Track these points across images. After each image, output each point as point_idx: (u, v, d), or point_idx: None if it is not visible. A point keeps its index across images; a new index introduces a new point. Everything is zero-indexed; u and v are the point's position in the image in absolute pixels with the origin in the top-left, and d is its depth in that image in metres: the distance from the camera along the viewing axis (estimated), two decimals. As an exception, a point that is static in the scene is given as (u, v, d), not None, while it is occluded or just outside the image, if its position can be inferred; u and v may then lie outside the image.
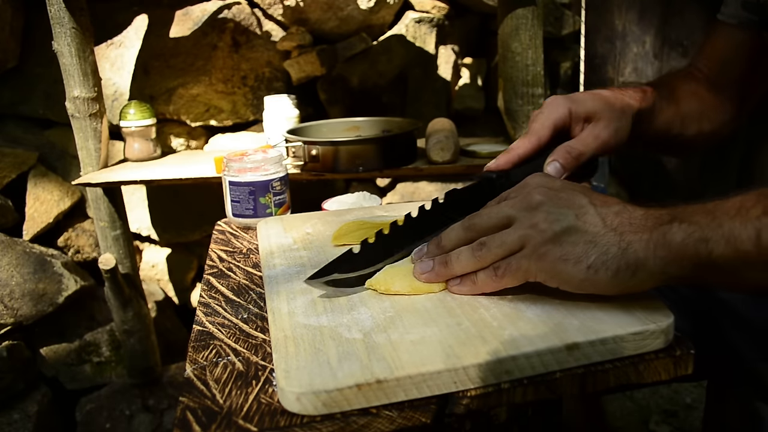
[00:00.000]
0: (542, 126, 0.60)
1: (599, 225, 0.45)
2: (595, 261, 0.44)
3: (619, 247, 0.44)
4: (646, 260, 0.43)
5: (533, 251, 0.46)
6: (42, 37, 1.39)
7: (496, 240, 0.48)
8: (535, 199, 0.48)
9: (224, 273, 0.65)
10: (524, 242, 0.47)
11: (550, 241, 0.45)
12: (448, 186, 1.71)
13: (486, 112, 1.80)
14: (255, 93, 1.58)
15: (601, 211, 0.46)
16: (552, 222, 0.46)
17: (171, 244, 1.64)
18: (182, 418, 0.39)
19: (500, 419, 0.50)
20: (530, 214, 0.47)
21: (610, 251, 0.44)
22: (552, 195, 0.48)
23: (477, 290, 0.50)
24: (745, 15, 0.77)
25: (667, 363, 0.44)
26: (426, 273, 0.51)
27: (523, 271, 0.47)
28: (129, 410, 1.39)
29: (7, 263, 1.32)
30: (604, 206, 0.46)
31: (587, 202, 0.47)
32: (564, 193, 0.48)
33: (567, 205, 0.47)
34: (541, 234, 0.46)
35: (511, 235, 0.47)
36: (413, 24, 1.65)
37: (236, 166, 0.82)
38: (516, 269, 0.47)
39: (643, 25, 1.91)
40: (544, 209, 0.47)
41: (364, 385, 0.39)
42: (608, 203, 0.47)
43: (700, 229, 0.42)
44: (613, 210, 0.46)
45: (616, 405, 1.48)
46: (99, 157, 1.27)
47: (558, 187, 0.49)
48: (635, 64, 1.94)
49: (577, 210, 0.46)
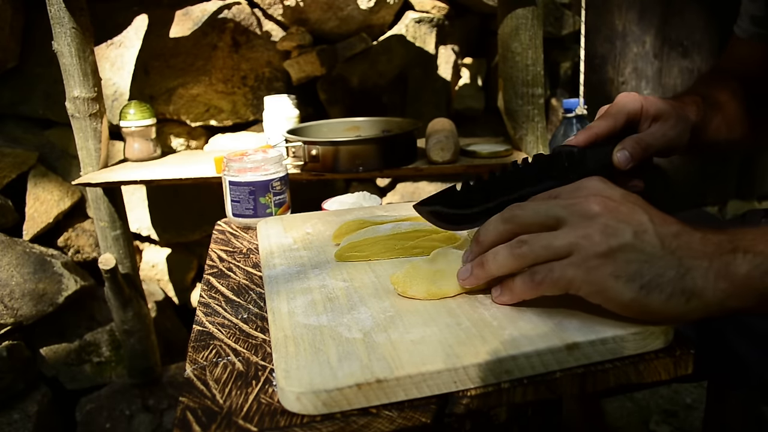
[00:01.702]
0: (618, 112, 0.61)
1: (658, 246, 0.42)
2: (650, 282, 0.41)
3: (678, 272, 0.41)
4: (704, 289, 0.41)
5: (582, 262, 0.42)
6: (42, 37, 1.39)
7: (542, 240, 0.44)
8: (593, 208, 0.44)
9: (224, 273, 0.65)
10: (573, 250, 0.43)
11: (604, 255, 0.42)
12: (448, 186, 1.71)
13: (486, 112, 1.80)
14: (255, 93, 1.58)
15: (660, 231, 0.43)
16: (608, 236, 0.43)
17: (171, 244, 1.64)
18: (182, 418, 0.39)
19: (500, 419, 0.50)
20: (584, 223, 0.44)
21: (667, 274, 0.41)
22: (611, 207, 0.44)
23: (516, 299, 0.47)
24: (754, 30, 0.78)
25: (667, 363, 0.44)
26: (466, 278, 0.49)
27: (567, 280, 0.43)
28: (129, 410, 1.39)
29: (7, 263, 1.32)
30: (664, 226, 0.43)
31: (647, 219, 0.43)
32: (624, 207, 0.44)
33: (626, 221, 0.43)
34: (595, 246, 0.42)
35: (559, 239, 0.44)
36: (413, 24, 1.65)
37: (236, 166, 0.82)
38: (559, 277, 0.43)
39: (643, 25, 1.91)
40: (600, 221, 0.43)
41: (364, 384, 0.39)
42: (667, 222, 0.44)
43: (766, 260, 0.40)
44: (673, 231, 0.43)
45: (616, 405, 1.48)
46: (99, 157, 1.27)
47: (617, 199, 0.45)
48: (635, 64, 1.94)
49: (636, 227, 0.43)
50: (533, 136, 1.30)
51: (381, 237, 0.61)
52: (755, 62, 0.80)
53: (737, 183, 2.07)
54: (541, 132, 1.31)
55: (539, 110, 1.30)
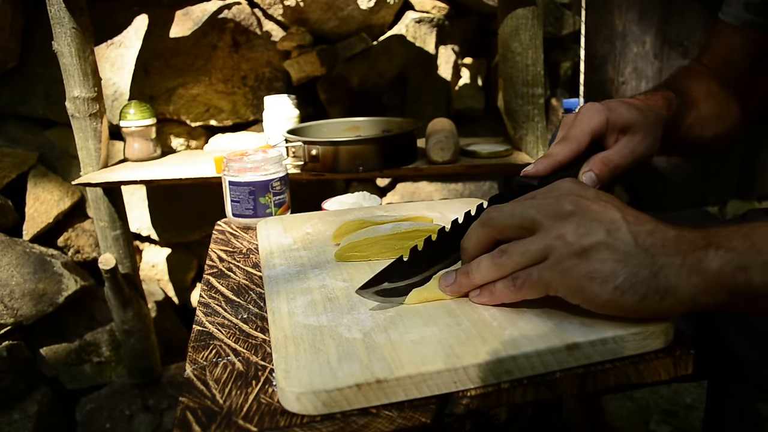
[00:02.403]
0: (582, 133, 0.58)
1: (631, 244, 0.42)
2: (623, 282, 0.41)
3: (651, 270, 0.41)
4: (678, 287, 0.41)
5: (557, 263, 0.43)
6: (42, 37, 1.39)
7: (519, 247, 0.45)
8: (566, 208, 0.45)
9: (224, 273, 0.65)
10: (548, 253, 0.44)
11: (577, 255, 0.43)
12: (448, 186, 1.72)
13: (486, 112, 1.80)
14: (255, 93, 1.58)
15: (633, 229, 0.43)
16: (581, 235, 0.43)
17: (171, 244, 1.64)
18: (182, 418, 0.39)
19: (500, 419, 0.50)
20: (558, 224, 0.44)
21: (640, 273, 0.41)
22: (584, 206, 0.44)
23: (495, 300, 0.48)
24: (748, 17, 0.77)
25: (667, 363, 0.44)
26: (449, 286, 0.50)
27: (544, 283, 0.44)
28: (129, 410, 1.39)
29: (7, 263, 1.32)
30: (638, 224, 0.43)
31: (620, 217, 0.44)
32: (596, 205, 0.45)
33: (599, 219, 0.44)
34: (568, 246, 0.43)
35: (534, 243, 0.44)
36: (413, 24, 1.65)
37: (236, 166, 0.82)
38: (537, 281, 0.44)
39: (643, 25, 1.91)
40: (573, 220, 0.44)
41: (364, 384, 0.39)
42: (641, 221, 0.44)
43: (738, 256, 0.40)
44: (646, 229, 0.43)
45: (616, 405, 1.48)
46: (99, 157, 1.27)
47: (590, 197, 0.46)
48: (635, 64, 1.94)
49: (609, 225, 0.43)
50: (533, 136, 1.30)
51: (381, 237, 0.61)
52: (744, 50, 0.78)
53: (737, 183, 2.07)
54: (541, 132, 1.31)
55: (539, 110, 1.30)
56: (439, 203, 0.82)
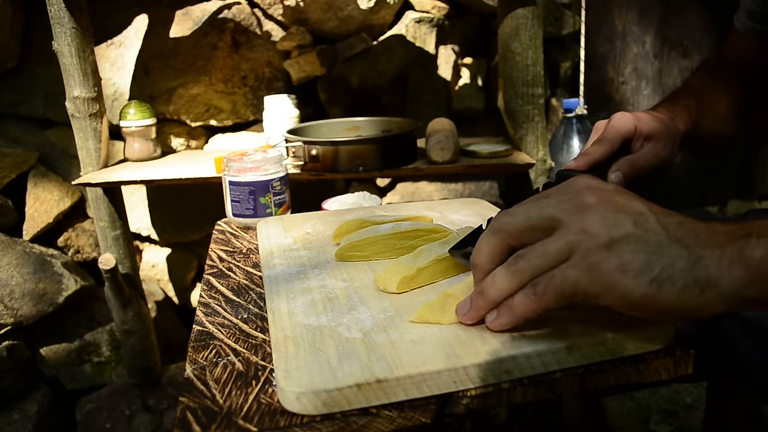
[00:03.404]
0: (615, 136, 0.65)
1: (663, 234, 0.39)
2: (660, 274, 0.37)
3: (688, 261, 0.38)
4: (719, 279, 0.37)
5: (583, 259, 0.39)
6: (42, 37, 1.39)
7: (537, 249, 0.41)
8: (587, 200, 0.41)
9: (224, 273, 0.65)
10: (572, 249, 0.39)
11: (606, 247, 0.38)
12: (448, 186, 1.72)
13: (486, 112, 1.80)
14: (255, 93, 1.58)
15: (662, 220, 0.40)
16: (607, 227, 0.39)
17: (171, 244, 1.64)
18: (182, 418, 0.39)
19: (500, 419, 0.50)
20: (580, 217, 0.40)
21: (677, 264, 0.38)
22: (606, 197, 0.41)
23: (516, 319, 0.42)
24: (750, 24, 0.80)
25: (667, 363, 0.44)
26: (465, 313, 0.45)
27: (571, 283, 0.39)
28: (129, 410, 1.39)
29: (7, 263, 1.32)
30: (665, 216, 0.40)
31: (647, 209, 0.40)
32: (619, 197, 0.41)
33: (624, 210, 0.40)
34: (594, 239, 0.39)
35: (555, 242, 0.40)
36: (413, 24, 1.65)
37: (236, 166, 0.82)
38: (561, 282, 0.39)
39: (643, 25, 1.91)
40: (597, 212, 0.40)
41: (364, 384, 0.39)
42: (668, 213, 0.41)
43: None
44: (675, 220, 0.40)
45: (616, 405, 1.48)
46: (99, 157, 1.27)
47: (611, 190, 0.42)
48: (635, 64, 1.94)
49: (635, 216, 0.40)
50: (533, 136, 1.30)
51: (381, 236, 0.61)
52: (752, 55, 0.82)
53: (737, 183, 2.07)
54: (541, 132, 1.31)
55: (539, 110, 1.30)
56: (439, 203, 0.82)
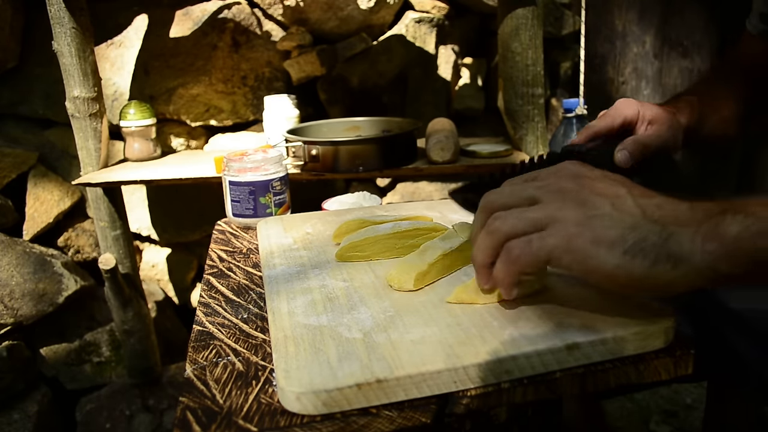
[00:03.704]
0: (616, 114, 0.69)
1: (638, 216, 0.41)
2: (632, 246, 0.39)
3: (660, 237, 0.39)
4: (692, 254, 0.38)
5: (561, 230, 0.41)
6: (42, 37, 1.39)
7: (514, 213, 0.43)
8: (567, 185, 0.44)
9: (224, 273, 0.65)
10: (550, 221, 0.42)
11: (582, 223, 0.41)
12: (448, 186, 1.72)
13: (486, 112, 1.80)
14: (255, 93, 1.58)
15: (640, 202, 0.42)
16: (586, 207, 0.41)
17: (171, 244, 1.64)
18: (182, 418, 0.39)
19: (500, 419, 0.50)
20: (559, 197, 0.43)
21: (649, 238, 0.39)
22: (587, 183, 0.44)
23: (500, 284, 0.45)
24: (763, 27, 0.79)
25: (667, 363, 0.44)
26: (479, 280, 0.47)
27: (547, 250, 0.41)
28: (129, 410, 1.39)
29: (7, 263, 1.32)
30: (644, 197, 0.42)
31: (626, 192, 0.43)
32: (601, 183, 0.44)
33: (603, 194, 0.42)
34: (571, 215, 0.41)
35: (533, 211, 0.43)
36: (413, 24, 1.65)
37: (236, 166, 0.82)
38: (538, 249, 0.41)
39: (643, 25, 1.91)
40: (576, 195, 0.43)
41: (364, 384, 0.39)
42: (649, 195, 0.43)
43: (758, 221, 0.38)
44: (654, 202, 0.42)
45: (616, 405, 1.47)
46: (99, 157, 1.27)
47: (595, 177, 0.45)
48: (635, 64, 1.94)
49: (613, 199, 0.42)
50: (533, 136, 1.30)
51: (381, 236, 0.61)
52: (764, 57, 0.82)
53: (737, 183, 2.07)
54: (541, 132, 1.31)
55: (539, 110, 1.30)
56: (439, 203, 0.82)
